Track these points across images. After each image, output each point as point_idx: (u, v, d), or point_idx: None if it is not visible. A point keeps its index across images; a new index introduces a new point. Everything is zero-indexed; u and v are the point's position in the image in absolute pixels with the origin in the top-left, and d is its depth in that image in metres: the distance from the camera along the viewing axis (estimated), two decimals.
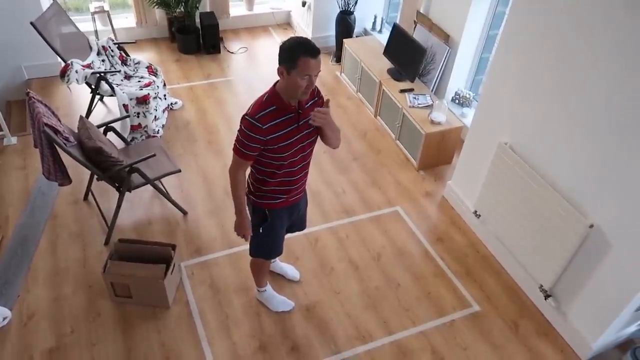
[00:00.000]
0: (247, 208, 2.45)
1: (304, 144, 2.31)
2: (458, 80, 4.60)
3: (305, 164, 2.42)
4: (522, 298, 3.31)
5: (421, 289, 3.32)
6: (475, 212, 3.61)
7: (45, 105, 3.16)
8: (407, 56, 4.51)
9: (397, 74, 4.60)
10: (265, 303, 3.11)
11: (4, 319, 2.91)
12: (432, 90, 4.57)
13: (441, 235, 3.71)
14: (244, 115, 2.16)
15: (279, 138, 2.19)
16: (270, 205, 2.47)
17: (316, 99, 2.32)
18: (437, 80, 4.61)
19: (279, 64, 2.07)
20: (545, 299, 3.12)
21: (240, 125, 2.17)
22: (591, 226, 2.70)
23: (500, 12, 4.15)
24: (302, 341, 2.96)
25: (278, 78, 2.14)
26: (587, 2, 2.50)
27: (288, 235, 2.83)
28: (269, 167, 2.30)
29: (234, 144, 2.24)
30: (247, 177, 2.42)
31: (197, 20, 5.65)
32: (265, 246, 2.69)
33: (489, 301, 3.28)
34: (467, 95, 4.55)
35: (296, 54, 2.00)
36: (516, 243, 3.26)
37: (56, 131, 3.00)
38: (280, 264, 3.27)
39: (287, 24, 6.42)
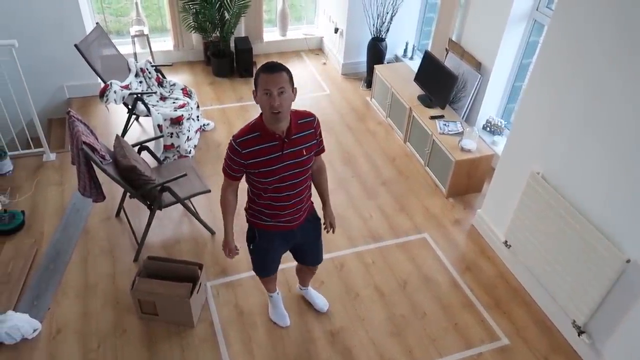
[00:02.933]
0: (232, 228, 2.52)
1: (290, 173, 2.29)
2: (489, 108, 4.57)
3: (295, 193, 2.37)
4: (553, 333, 3.20)
5: (448, 319, 3.24)
6: (506, 242, 3.53)
7: (84, 124, 3.28)
8: (438, 83, 4.52)
9: (427, 101, 4.60)
10: (269, 307, 3.17)
11: (34, 330, 2.97)
12: (462, 118, 4.55)
13: (470, 264, 3.64)
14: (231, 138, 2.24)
15: (260, 164, 2.22)
16: (259, 225, 2.52)
17: (312, 130, 2.31)
18: (468, 108, 4.59)
19: None
20: (579, 335, 3.00)
21: (227, 149, 2.25)
22: (628, 261, 2.60)
23: (533, 41, 4.13)
24: None
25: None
26: (620, 32, 2.47)
27: None
28: (256, 188, 2.37)
29: (223, 166, 2.32)
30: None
31: (232, 44, 5.80)
32: (255, 263, 2.76)
33: (519, 335, 3.17)
34: (499, 123, 4.50)
35: (257, 74, 2.10)
36: (548, 276, 3.17)
37: (93, 149, 3.10)
38: (311, 293, 3.24)
39: (319, 49, 6.53)
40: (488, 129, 4.57)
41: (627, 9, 2.44)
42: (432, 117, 4.42)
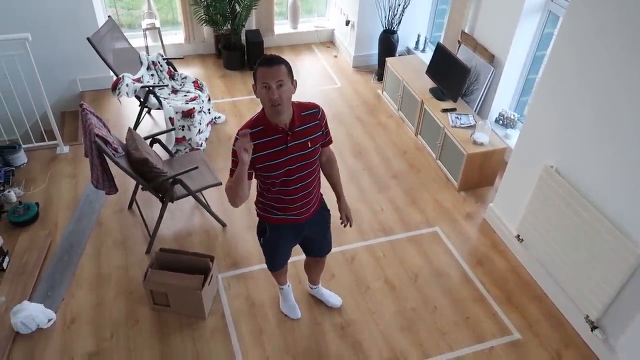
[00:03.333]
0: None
1: (297, 166, 2.28)
2: (502, 101, 4.52)
3: (303, 185, 2.36)
4: (566, 328, 3.17)
5: (459, 312, 3.23)
6: (518, 236, 3.50)
7: (97, 117, 3.30)
8: (450, 76, 4.48)
9: (439, 94, 4.57)
10: (279, 299, 3.18)
11: (49, 320, 3.01)
12: (475, 111, 4.51)
13: (481, 258, 3.62)
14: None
15: (265, 157, 2.21)
16: (270, 219, 2.51)
17: (317, 122, 2.29)
18: (481, 101, 4.54)
19: None
20: (592, 331, 2.97)
21: (232, 145, 2.19)
22: None
23: (548, 33, 4.07)
24: (335, 359, 2.94)
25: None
26: (638, 23, 2.43)
27: None
28: (264, 183, 2.36)
29: (230, 167, 2.26)
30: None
31: (243, 37, 5.79)
32: (266, 257, 2.76)
33: (531, 329, 3.15)
34: (512, 117, 4.46)
35: (255, 68, 2.09)
36: (561, 270, 3.14)
37: (106, 142, 3.12)
38: (322, 291, 3.24)
39: (330, 42, 6.50)
40: (501, 122, 4.52)
41: None
42: (444, 110, 4.39)
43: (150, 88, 4.28)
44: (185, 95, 4.51)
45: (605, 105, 2.71)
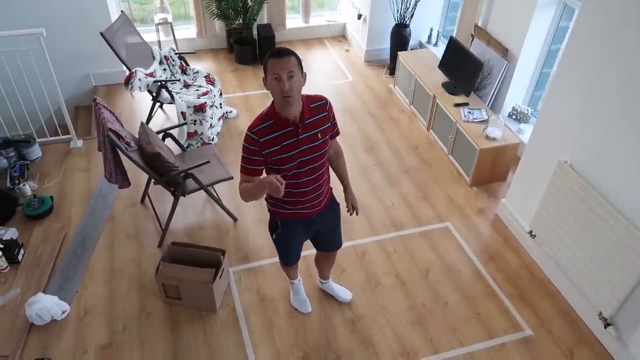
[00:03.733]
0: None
1: (308, 158, 2.28)
2: (516, 95, 4.47)
3: (314, 178, 2.36)
4: (578, 325, 3.14)
5: (471, 308, 3.22)
6: (531, 232, 3.47)
7: (110, 111, 3.32)
8: (463, 70, 4.43)
9: (451, 88, 4.53)
10: (290, 293, 3.19)
11: (63, 312, 3.06)
12: (488, 105, 4.46)
13: (493, 254, 3.59)
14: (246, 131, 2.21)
15: (277, 151, 2.21)
16: (281, 214, 2.51)
17: (325, 113, 2.29)
18: (494, 95, 4.49)
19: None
20: (605, 328, 2.94)
21: (243, 141, 2.21)
22: None
23: (562, 26, 4.01)
24: (345, 354, 2.94)
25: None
26: None
27: None
28: None
29: (241, 164, 2.26)
30: None
31: (255, 31, 5.79)
32: (279, 252, 2.78)
33: (543, 326, 3.13)
34: (525, 111, 4.41)
35: (265, 60, 2.10)
36: (574, 267, 3.10)
37: (119, 136, 3.15)
38: (333, 286, 3.24)
39: (342, 36, 6.47)
40: (514, 116, 4.47)
41: None
42: (457, 105, 4.35)
43: (163, 82, 4.30)
44: (197, 90, 4.53)
45: (621, 99, 2.66)
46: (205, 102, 4.25)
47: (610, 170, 2.79)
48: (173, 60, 4.66)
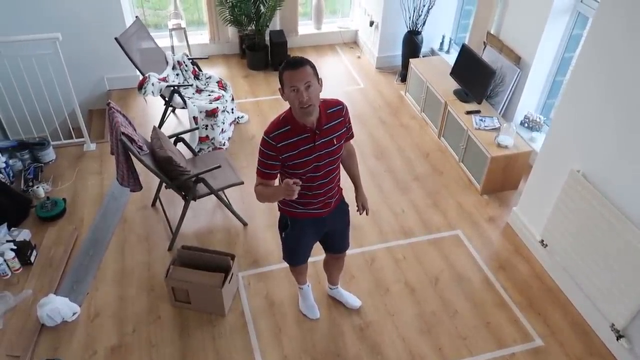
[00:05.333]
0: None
1: (323, 163, 2.30)
2: (528, 103, 4.45)
3: (328, 181, 2.39)
4: (590, 336, 3.10)
5: (480, 317, 3.19)
6: (542, 241, 3.44)
7: (123, 115, 3.36)
8: (475, 77, 4.42)
9: (463, 95, 4.51)
10: (299, 298, 3.18)
11: (74, 314, 3.08)
12: (499, 113, 4.44)
13: (503, 263, 3.57)
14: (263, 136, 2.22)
15: (293, 156, 2.22)
16: (291, 213, 2.52)
17: (341, 119, 2.30)
18: (506, 103, 4.47)
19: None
20: (617, 340, 2.90)
21: (260, 146, 2.23)
22: None
23: (576, 34, 3.99)
24: None
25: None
26: None
27: None
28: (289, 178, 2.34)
29: (257, 167, 2.28)
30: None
31: (267, 38, 5.83)
32: (287, 252, 2.77)
33: (554, 336, 3.09)
34: (538, 119, 4.38)
35: (281, 72, 2.08)
36: (586, 277, 3.07)
37: (132, 140, 3.18)
38: (342, 292, 3.24)
39: (354, 42, 6.49)
40: (526, 124, 4.45)
41: None
42: (468, 112, 4.34)
43: (175, 87, 4.34)
44: (209, 95, 4.56)
45: (635, 109, 2.63)
46: (217, 107, 4.28)
47: (624, 180, 2.76)
48: (186, 65, 4.70)
